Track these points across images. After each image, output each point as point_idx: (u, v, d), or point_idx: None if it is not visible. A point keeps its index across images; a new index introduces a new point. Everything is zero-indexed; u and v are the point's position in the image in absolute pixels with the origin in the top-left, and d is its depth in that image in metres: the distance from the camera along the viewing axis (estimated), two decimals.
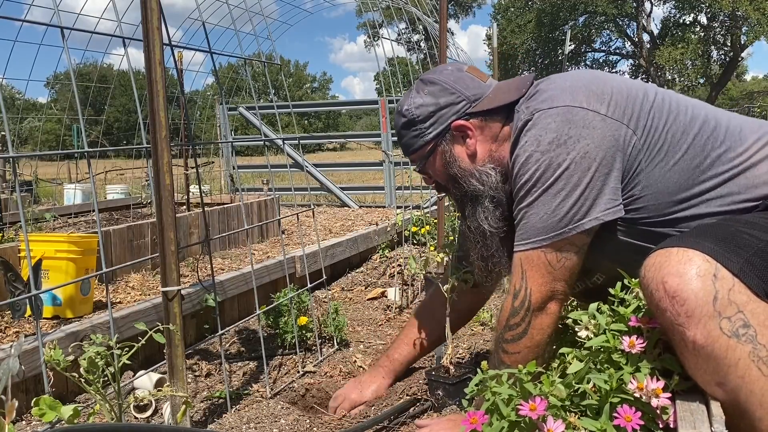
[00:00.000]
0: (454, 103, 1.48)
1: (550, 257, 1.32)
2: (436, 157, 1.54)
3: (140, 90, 2.03)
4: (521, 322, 1.35)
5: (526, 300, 1.34)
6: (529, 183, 1.33)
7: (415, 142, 1.54)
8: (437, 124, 1.50)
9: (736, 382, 1.01)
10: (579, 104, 1.32)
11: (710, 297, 1.02)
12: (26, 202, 5.57)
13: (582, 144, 1.28)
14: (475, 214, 1.50)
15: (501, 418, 1.06)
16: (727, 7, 25.32)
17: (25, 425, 1.78)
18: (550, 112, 1.33)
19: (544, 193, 1.31)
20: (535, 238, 1.33)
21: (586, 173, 1.28)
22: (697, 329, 1.01)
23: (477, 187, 1.48)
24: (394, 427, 1.77)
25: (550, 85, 1.41)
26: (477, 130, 1.48)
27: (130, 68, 1.95)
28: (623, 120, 1.31)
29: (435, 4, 6.92)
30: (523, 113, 1.39)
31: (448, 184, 1.56)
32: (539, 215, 1.32)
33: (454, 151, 1.50)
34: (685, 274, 1.04)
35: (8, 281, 2.35)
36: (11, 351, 1.24)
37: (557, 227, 1.30)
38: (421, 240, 4.18)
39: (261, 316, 2.33)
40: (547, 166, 1.30)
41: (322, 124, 45.72)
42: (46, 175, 8.49)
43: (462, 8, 38.78)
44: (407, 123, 1.54)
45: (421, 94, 1.52)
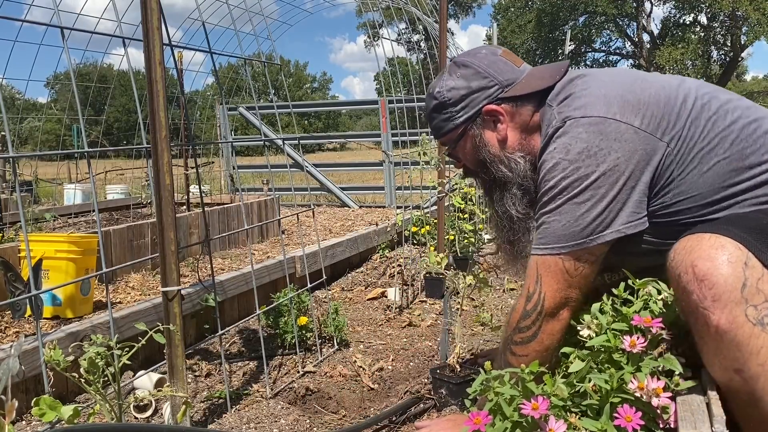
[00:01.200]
0: (486, 87, 1.46)
1: (568, 265, 1.31)
2: (466, 141, 1.52)
3: (140, 90, 2.02)
4: (532, 325, 1.34)
5: (539, 304, 1.33)
6: (554, 190, 1.32)
7: (445, 125, 1.53)
8: (468, 108, 1.48)
9: (756, 370, 1.02)
10: (612, 116, 1.30)
11: (739, 283, 1.02)
12: (26, 202, 5.57)
13: (612, 157, 1.27)
14: (503, 200, 1.49)
15: (504, 419, 1.06)
16: (727, 7, 25.32)
17: (25, 425, 1.78)
18: (582, 121, 1.31)
19: (568, 201, 1.30)
20: (555, 245, 1.32)
21: (613, 186, 1.27)
22: (723, 314, 1.02)
23: (506, 173, 1.47)
24: (394, 426, 1.77)
25: (585, 90, 1.38)
26: (508, 115, 1.47)
27: (130, 68, 1.94)
28: (657, 133, 1.29)
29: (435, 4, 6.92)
30: (555, 118, 1.37)
31: (477, 169, 1.55)
32: (561, 223, 1.31)
33: (485, 135, 1.49)
34: (716, 259, 1.05)
35: (8, 281, 2.35)
36: (11, 351, 1.23)
37: (578, 237, 1.29)
38: (421, 240, 4.18)
39: (261, 316, 2.33)
40: (575, 176, 1.29)
41: (322, 124, 45.72)
42: (46, 175, 8.49)
43: (462, 8, 38.77)
44: (438, 105, 1.52)
45: (454, 77, 1.50)
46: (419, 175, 3.91)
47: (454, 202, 4.00)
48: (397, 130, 6.14)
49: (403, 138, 5.68)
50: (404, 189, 5.57)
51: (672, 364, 1.08)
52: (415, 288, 3.37)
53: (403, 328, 2.73)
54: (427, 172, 3.63)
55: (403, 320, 2.82)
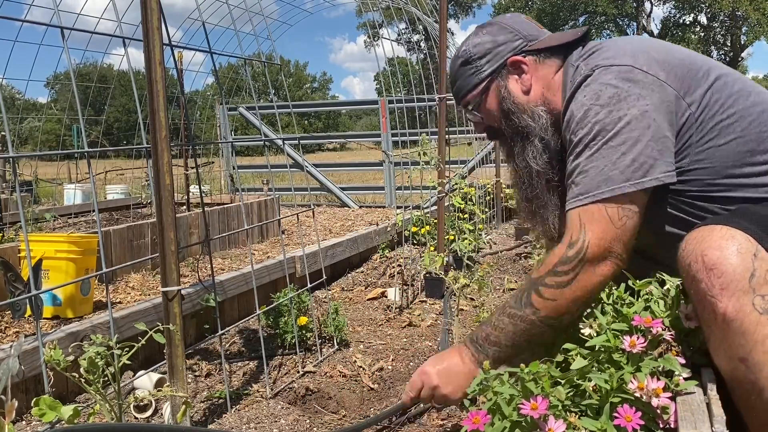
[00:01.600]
0: (511, 40, 1.51)
1: (611, 212, 1.28)
2: (490, 95, 1.54)
3: (140, 90, 2.02)
4: (570, 271, 1.29)
5: (582, 251, 1.28)
6: (588, 137, 1.31)
7: (470, 81, 1.55)
8: (494, 60, 1.51)
9: (760, 358, 1.03)
10: (640, 66, 1.31)
11: (747, 273, 1.04)
12: (26, 202, 5.57)
13: (642, 103, 1.28)
14: (524, 153, 1.49)
15: (503, 418, 1.06)
16: (727, 7, 25.33)
17: (25, 425, 1.78)
18: (612, 69, 1.33)
19: (603, 146, 1.28)
20: (595, 191, 1.28)
21: (646, 131, 1.27)
22: (730, 302, 1.04)
23: (529, 123, 1.48)
24: (394, 426, 1.77)
25: (612, 46, 1.42)
26: (532, 68, 1.50)
27: (130, 68, 1.94)
28: (680, 92, 1.30)
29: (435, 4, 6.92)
30: (582, 68, 1.39)
31: (500, 123, 1.55)
32: (599, 168, 1.29)
33: (509, 86, 1.51)
34: (725, 249, 1.06)
35: (8, 281, 2.35)
36: (11, 351, 1.23)
37: (618, 181, 1.27)
38: (421, 240, 4.18)
39: (261, 316, 2.33)
40: (608, 119, 1.28)
41: (322, 124, 45.71)
42: (46, 175, 8.49)
43: (462, 8, 38.78)
44: (464, 62, 1.55)
45: (480, 34, 1.55)
46: (419, 175, 3.91)
47: (454, 202, 4.00)
48: (397, 130, 6.15)
49: (403, 138, 5.68)
50: (404, 189, 5.57)
51: (672, 365, 1.09)
52: (415, 288, 3.37)
53: (403, 328, 2.73)
54: (427, 172, 3.63)
55: (403, 320, 2.82)
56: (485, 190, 5.48)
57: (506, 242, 4.81)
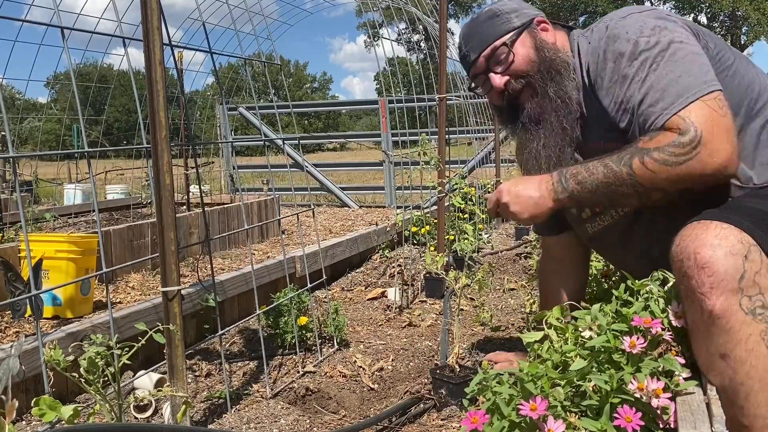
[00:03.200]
0: (530, 8, 1.64)
1: (711, 103, 1.27)
2: (523, 42, 1.57)
3: (140, 90, 2.02)
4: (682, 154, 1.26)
5: (697, 136, 1.25)
6: (649, 60, 1.34)
7: (501, 28, 1.58)
8: (522, 16, 1.59)
9: (742, 355, 1.05)
10: (660, 10, 1.45)
11: (737, 274, 1.07)
12: (26, 202, 5.57)
13: (678, 32, 1.36)
14: (564, 86, 1.52)
15: (502, 418, 1.06)
16: (727, 7, 25.33)
17: (25, 425, 1.78)
18: (645, 12, 1.42)
19: (670, 60, 1.33)
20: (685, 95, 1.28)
21: (696, 47, 1.35)
22: (718, 300, 1.07)
23: (565, 58, 1.54)
24: (394, 426, 1.77)
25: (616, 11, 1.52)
26: (551, 29, 1.60)
27: (130, 68, 1.94)
28: (694, 31, 1.41)
29: (435, 4, 6.92)
30: (606, 24, 1.47)
31: (532, 66, 1.55)
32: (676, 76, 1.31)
33: (542, 36, 1.58)
34: (718, 249, 1.09)
35: (8, 281, 2.34)
36: (11, 351, 1.24)
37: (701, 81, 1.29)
38: (421, 240, 4.18)
39: (261, 316, 2.33)
40: (663, 41, 1.34)
41: (322, 124, 45.69)
42: (46, 175, 8.48)
43: (462, 8, 38.78)
44: (492, 15, 1.61)
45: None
46: (419, 175, 3.91)
47: (454, 202, 4.00)
48: (397, 130, 6.14)
49: (403, 138, 5.68)
50: (404, 189, 5.57)
51: (672, 365, 1.09)
52: (415, 288, 3.37)
53: (403, 328, 2.73)
54: (427, 172, 3.63)
55: (403, 320, 2.83)
56: (485, 190, 5.48)
57: (506, 242, 4.81)
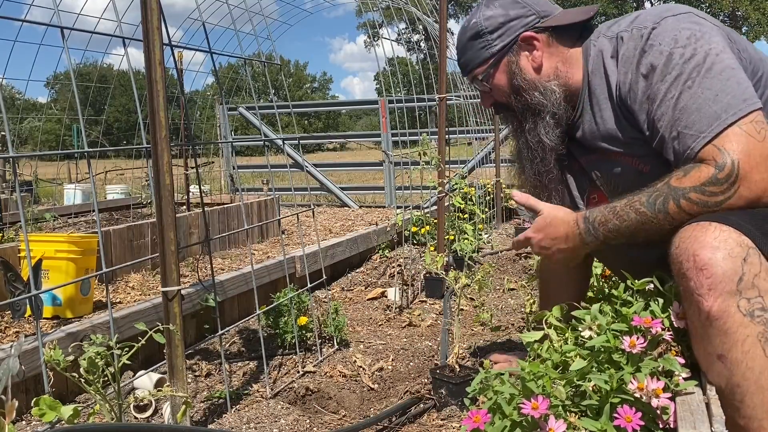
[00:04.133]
0: (524, 15, 1.49)
1: (747, 128, 1.21)
2: (499, 70, 1.53)
3: (140, 90, 2.02)
4: (721, 193, 1.20)
5: (734, 171, 1.18)
6: (682, 76, 1.26)
7: (479, 55, 1.53)
8: (505, 35, 1.50)
9: (738, 356, 1.05)
10: (696, 12, 1.35)
11: (736, 277, 1.06)
12: (26, 202, 5.57)
13: (717, 38, 1.29)
14: (536, 128, 1.49)
15: (503, 417, 1.06)
16: (727, 7, 25.33)
17: (25, 425, 1.78)
18: (675, 17, 1.33)
19: (705, 77, 1.24)
20: (722, 117, 1.21)
21: (734, 60, 1.27)
22: (716, 302, 1.06)
23: (540, 100, 1.48)
24: (394, 426, 1.77)
25: (647, 10, 1.42)
26: (544, 44, 1.49)
27: (130, 68, 1.94)
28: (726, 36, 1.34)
29: (435, 4, 6.92)
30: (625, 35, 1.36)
31: (510, 99, 1.54)
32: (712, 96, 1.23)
33: (520, 62, 1.50)
34: (717, 251, 1.08)
35: (8, 281, 2.34)
36: (11, 351, 1.24)
37: (739, 101, 1.21)
38: (421, 240, 4.18)
39: (261, 316, 2.33)
40: (698, 55, 1.26)
41: (322, 124, 45.69)
42: (46, 175, 8.48)
43: (462, 8, 38.78)
44: (474, 35, 1.53)
45: (491, 7, 1.52)
46: (419, 175, 3.91)
47: (454, 202, 4.00)
48: (397, 130, 6.14)
49: (403, 138, 5.68)
50: (404, 189, 5.57)
51: (672, 365, 1.09)
52: (415, 288, 3.37)
53: (403, 328, 2.73)
54: (427, 172, 3.63)
55: (403, 320, 2.82)
56: (485, 190, 5.48)
57: (506, 242, 4.81)
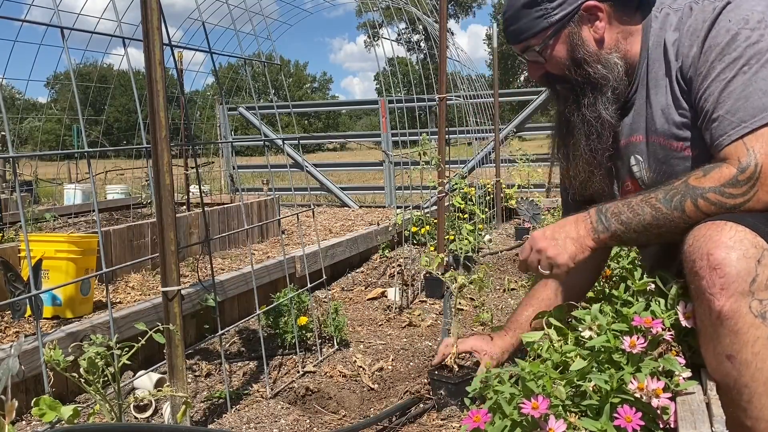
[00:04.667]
0: None
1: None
2: (558, 41, 1.44)
3: (140, 90, 2.02)
4: (740, 195, 1.21)
5: (756, 174, 1.20)
6: (740, 60, 1.24)
7: (536, 24, 1.43)
8: (566, 4, 1.41)
9: (748, 357, 1.05)
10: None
11: (749, 277, 1.06)
12: (26, 202, 5.57)
13: None
14: (596, 104, 1.43)
15: (503, 417, 1.06)
16: None
17: (25, 425, 1.78)
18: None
19: (763, 68, 1.23)
20: (762, 114, 1.22)
21: None
22: (727, 302, 1.06)
23: (604, 73, 1.41)
24: (394, 426, 1.77)
25: None
26: (607, 15, 1.42)
27: (130, 68, 1.94)
28: None
29: (435, 4, 6.92)
30: (697, 5, 1.32)
31: (570, 71, 1.46)
32: (763, 89, 1.22)
33: (582, 33, 1.42)
34: (732, 251, 1.08)
35: (8, 281, 2.34)
36: (11, 351, 1.24)
37: None
38: (421, 240, 4.18)
39: (261, 316, 2.33)
40: (764, 42, 1.23)
41: (322, 124, 45.71)
42: (46, 175, 8.49)
43: (462, 8, 38.80)
44: (530, 2, 1.43)
45: None
46: (419, 175, 3.91)
47: (454, 202, 4.00)
48: (397, 130, 6.14)
49: (403, 138, 5.68)
50: (404, 189, 5.57)
51: (672, 365, 1.09)
52: (415, 288, 3.37)
53: (403, 328, 2.73)
54: (427, 172, 3.63)
55: (403, 320, 2.82)
56: (485, 190, 5.48)
57: (506, 242, 4.81)
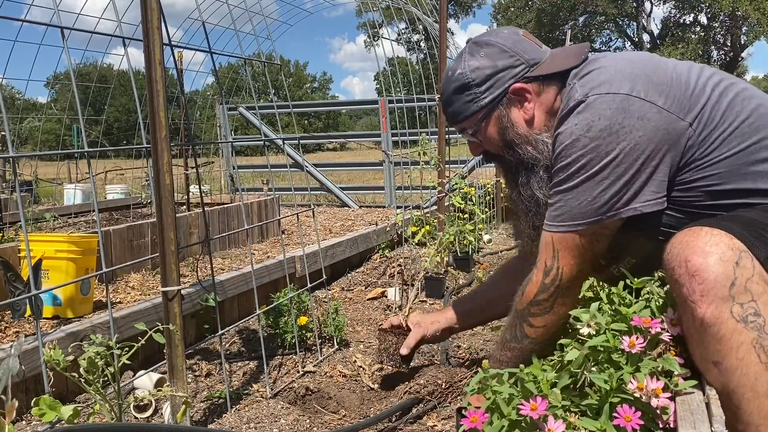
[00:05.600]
0: (512, 66, 1.44)
1: (584, 241, 1.35)
2: (490, 123, 1.48)
3: (140, 90, 2.02)
4: (549, 298, 1.40)
5: (557, 279, 1.38)
6: (572, 167, 1.31)
7: (468, 107, 1.48)
8: (494, 88, 1.44)
9: (733, 363, 1.05)
10: (637, 94, 1.29)
11: (728, 282, 1.06)
12: (26, 202, 5.57)
13: (634, 135, 1.26)
14: (530, 183, 1.47)
15: (501, 417, 1.06)
16: (727, 7, 25.33)
17: (25, 425, 1.78)
18: (607, 98, 1.29)
19: (588, 180, 1.30)
20: (572, 222, 1.34)
21: (633, 165, 1.27)
22: (709, 308, 1.06)
23: (533, 154, 1.44)
24: (395, 426, 1.77)
25: (609, 67, 1.36)
26: (535, 95, 1.44)
27: (130, 68, 1.94)
28: (680, 114, 1.29)
29: (435, 4, 6.92)
30: (577, 91, 1.34)
31: (502, 151, 1.51)
32: (579, 201, 1.32)
33: (512, 115, 1.45)
34: (709, 256, 1.08)
35: (8, 281, 2.34)
36: (11, 351, 1.24)
37: (595, 214, 1.31)
38: (421, 240, 4.18)
39: (261, 316, 2.33)
40: (595, 154, 1.28)
41: (322, 124, 45.66)
42: (46, 175, 8.48)
43: (462, 8, 38.77)
44: (460, 87, 1.47)
45: (477, 56, 1.46)
46: (419, 175, 3.91)
47: (454, 202, 3.99)
48: (397, 130, 6.14)
49: (403, 138, 5.68)
50: (404, 189, 5.57)
51: (671, 365, 1.09)
52: (415, 288, 3.37)
53: None
54: (427, 172, 3.63)
55: None
56: (485, 190, 5.48)
57: (506, 242, 4.81)
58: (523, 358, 1.45)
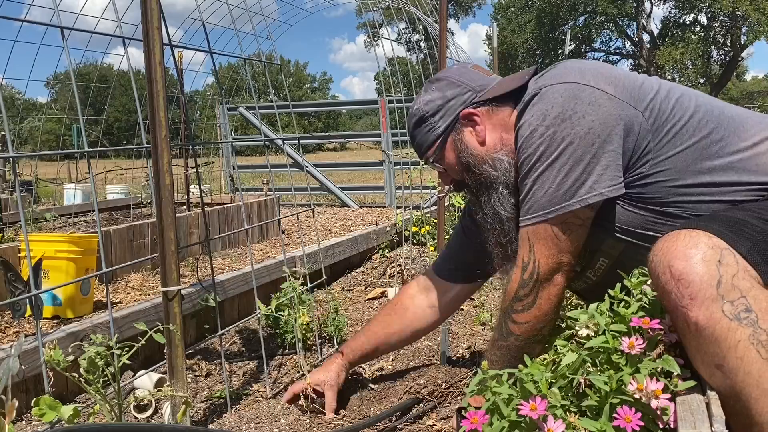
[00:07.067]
0: (460, 94, 1.55)
1: (556, 230, 1.36)
2: (447, 149, 1.58)
3: (140, 90, 2.03)
4: (530, 293, 1.41)
5: (534, 272, 1.39)
6: (533, 157, 1.36)
7: (427, 138, 1.59)
8: (446, 115, 1.55)
9: (735, 363, 1.04)
10: (587, 82, 1.35)
11: (714, 281, 1.05)
12: (26, 202, 5.57)
13: (587, 120, 1.31)
14: (491, 201, 1.53)
15: (501, 418, 1.06)
16: (727, 7, 25.35)
17: (25, 425, 1.78)
18: (557, 87, 1.37)
19: (548, 167, 1.34)
20: (541, 212, 1.36)
21: (589, 149, 1.31)
22: (700, 311, 1.05)
23: (491, 172, 1.51)
24: (395, 426, 1.77)
25: (560, 66, 1.46)
26: (485, 117, 1.53)
27: (130, 68, 1.95)
28: (631, 102, 1.34)
29: (435, 4, 6.92)
30: (531, 89, 1.43)
31: (464, 175, 1.59)
32: (544, 189, 1.35)
33: (465, 138, 1.54)
34: (691, 258, 1.07)
35: (8, 281, 2.34)
36: (11, 351, 1.24)
37: (561, 200, 1.34)
38: (421, 240, 4.18)
39: (261, 316, 2.33)
40: (552, 141, 1.33)
41: (322, 124, 45.67)
42: (46, 175, 8.48)
43: (462, 8, 38.79)
44: (418, 120, 1.59)
45: (429, 91, 1.59)
46: (419, 175, 3.91)
47: (454, 202, 4.00)
48: (397, 130, 6.15)
49: (403, 138, 5.68)
50: (404, 189, 5.57)
51: (670, 366, 1.09)
52: None
53: None
54: (427, 172, 3.63)
55: None
56: None
57: None
58: (511, 356, 1.45)
